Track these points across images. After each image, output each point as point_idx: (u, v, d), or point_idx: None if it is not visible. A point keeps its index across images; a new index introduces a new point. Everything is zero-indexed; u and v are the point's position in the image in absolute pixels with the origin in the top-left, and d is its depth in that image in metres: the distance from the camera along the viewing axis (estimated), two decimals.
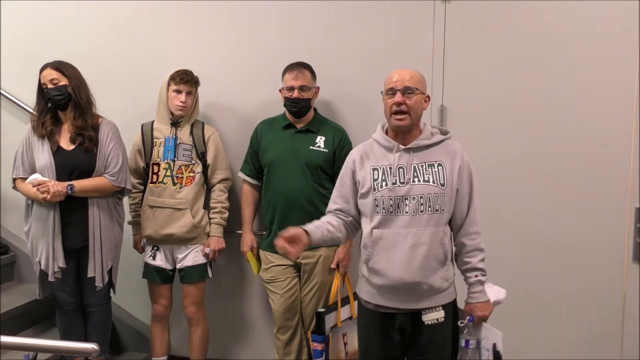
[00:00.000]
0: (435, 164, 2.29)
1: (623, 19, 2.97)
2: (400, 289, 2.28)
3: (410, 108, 2.26)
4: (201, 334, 3.30)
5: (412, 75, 2.30)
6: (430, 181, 2.27)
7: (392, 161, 2.30)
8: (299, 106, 3.07)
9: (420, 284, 2.26)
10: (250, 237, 3.26)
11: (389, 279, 2.27)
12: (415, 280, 2.25)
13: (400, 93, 2.26)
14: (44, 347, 2.14)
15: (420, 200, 2.25)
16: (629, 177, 3.03)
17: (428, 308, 2.30)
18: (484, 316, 2.34)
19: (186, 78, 3.13)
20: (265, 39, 3.40)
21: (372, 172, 2.32)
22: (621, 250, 3.06)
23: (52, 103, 2.94)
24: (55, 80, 2.93)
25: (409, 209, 2.25)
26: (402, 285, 2.26)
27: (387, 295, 2.31)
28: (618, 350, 3.09)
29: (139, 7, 3.55)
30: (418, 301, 2.30)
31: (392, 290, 2.29)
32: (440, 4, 3.17)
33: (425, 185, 2.26)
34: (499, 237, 3.13)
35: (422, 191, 2.26)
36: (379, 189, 2.28)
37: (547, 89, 3.09)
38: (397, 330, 2.34)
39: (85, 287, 3.05)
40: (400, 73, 2.31)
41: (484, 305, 2.34)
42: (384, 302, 2.33)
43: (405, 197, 2.25)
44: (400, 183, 2.27)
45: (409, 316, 2.32)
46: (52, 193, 2.80)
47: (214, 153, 3.23)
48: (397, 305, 2.31)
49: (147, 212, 3.19)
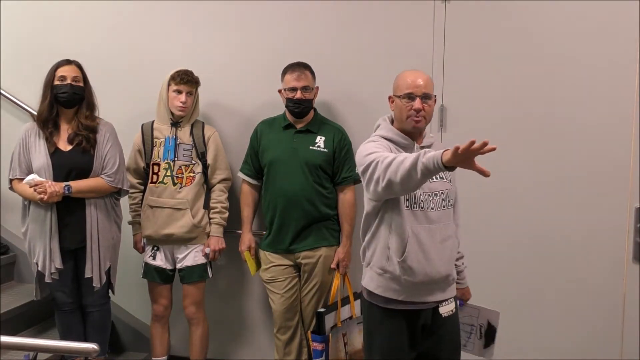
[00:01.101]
0: None
1: (623, 19, 2.97)
2: (433, 283, 2.33)
3: (427, 113, 2.34)
4: (201, 334, 3.30)
5: (428, 80, 2.35)
6: (445, 178, 2.37)
7: None
8: (301, 107, 3.07)
9: (449, 276, 2.38)
10: (249, 236, 3.26)
11: (425, 274, 2.29)
12: (448, 272, 2.36)
13: (419, 99, 2.31)
14: (44, 347, 2.15)
15: (442, 196, 2.35)
16: (629, 177, 3.03)
17: (444, 300, 2.38)
18: (469, 298, 2.66)
19: (186, 78, 3.13)
20: (265, 39, 3.40)
21: None
22: (621, 250, 3.05)
23: (65, 99, 2.92)
24: (77, 79, 2.95)
25: (434, 205, 2.32)
26: (437, 280, 2.33)
27: (417, 291, 2.32)
28: (618, 350, 3.09)
29: (139, 7, 3.55)
30: (443, 291, 2.38)
31: (425, 285, 2.32)
32: (440, 4, 3.17)
33: (442, 182, 2.37)
34: (498, 237, 3.13)
35: (441, 187, 2.35)
36: None
37: (547, 88, 3.09)
38: (420, 328, 2.36)
39: (83, 287, 3.05)
40: (417, 76, 2.34)
41: (468, 288, 2.65)
42: (410, 298, 2.32)
43: (429, 194, 2.32)
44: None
45: (429, 311, 2.37)
46: (49, 194, 2.80)
47: (214, 153, 3.23)
48: (424, 300, 2.34)
49: (147, 212, 3.19)
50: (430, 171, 1.99)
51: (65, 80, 2.92)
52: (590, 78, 3.03)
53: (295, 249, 3.13)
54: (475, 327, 2.62)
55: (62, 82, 2.92)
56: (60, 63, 2.96)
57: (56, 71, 2.94)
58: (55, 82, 2.93)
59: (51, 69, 2.95)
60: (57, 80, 2.93)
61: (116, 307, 3.49)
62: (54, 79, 2.93)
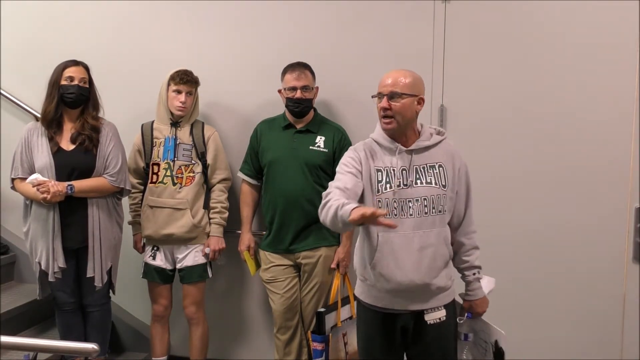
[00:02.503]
0: (436, 165, 2.29)
1: (623, 19, 2.97)
2: (408, 292, 2.28)
3: (396, 113, 2.24)
4: (201, 334, 3.30)
5: (401, 79, 2.25)
6: (433, 183, 2.27)
7: (394, 163, 2.28)
8: (301, 106, 3.07)
9: (429, 285, 2.27)
10: (249, 236, 3.26)
11: (397, 282, 2.25)
12: (424, 282, 2.26)
13: (386, 98, 2.24)
14: (44, 347, 2.15)
15: (424, 202, 2.25)
16: (629, 177, 3.03)
17: (431, 308, 2.31)
18: (482, 312, 2.43)
19: (186, 78, 3.13)
20: (265, 39, 3.40)
21: (376, 174, 2.29)
22: (621, 250, 3.05)
23: (72, 99, 2.93)
24: (84, 80, 2.96)
25: (414, 211, 2.24)
26: (412, 288, 2.26)
27: (394, 298, 2.30)
28: (618, 350, 3.09)
29: (139, 7, 3.55)
30: (426, 301, 2.30)
31: (400, 293, 2.28)
32: (440, 4, 3.17)
33: (428, 187, 2.26)
34: (498, 237, 3.13)
35: (425, 193, 2.26)
36: (383, 191, 2.27)
37: (547, 88, 3.09)
38: (399, 330, 2.34)
39: (84, 287, 3.05)
40: (390, 76, 2.28)
41: (481, 301, 2.42)
42: (390, 305, 2.32)
43: (409, 200, 2.25)
44: (403, 185, 2.26)
45: (411, 316, 2.32)
46: (52, 193, 2.80)
47: (213, 153, 3.23)
48: (404, 308, 2.31)
49: (147, 212, 3.19)
50: (346, 224, 2.03)
51: (73, 81, 2.93)
52: (590, 78, 3.03)
53: (295, 249, 3.13)
54: (489, 344, 2.43)
55: (70, 83, 2.92)
56: (67, 63, 2.96)
57: (64, 71, 2.94)
58: (63, 82, 2.93)
59: (58, 69, 2.95)
60: (64, 81, 2.93)
61: (116, 307, 3.49)
62: (61, 79, 2.93)
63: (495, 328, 2.41)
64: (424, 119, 2.42)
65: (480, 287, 2.41)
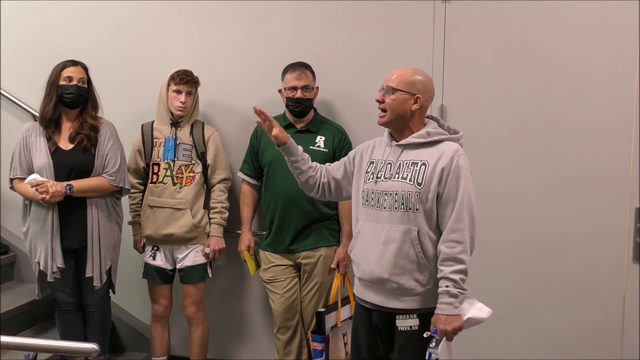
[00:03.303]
0: (419, 162, 2.26)
1: (623, 19, 2.96)
2: (372, 284, 2.31)
3: (388, 107, 2.28)
4: (201, 334, 3.30)
5: (402, 75, 2.29)
6: (408, 179, 2.23)
7: (384, 156, 2.34)
8: (302, 106, 3.07)
9: (388, 280, 2.24)
10: (248, 236, 3.26)
11: (362, 271, 2.34)
12: (382, 276, 2.25)
13: (381, 92, 2.31)
14: (44, 347, 2.15)
15: (395, 197, 2.24)
16: (629, 177, 3.02)
17: (403, 314, 2.25)
18: (444, 330, 2.16)
19: (186, 78, 3.13)
20: (266, 39, 3.40)
21: (368, 165, 2.37)
22: (621, 250, 3.05)
23: (71, 99, 2.92)
24: (83, 80, 2.96)
25: (387, 205, 2.26)
26: (373, 280, 2.29)
27: (363, 288, 2.37)
28: (618, 350, 3.09)
29: (139, 8, 3.55)
30: (388, 299, 2.28)
31: (367, 284, 2.34)
32: (440, 4, 3.17)
33: (402, 182, 2.24)
34: (498, 237, 3.13)
35: (397, 188, 2.24)
36: (367, 181, 2.34)
37: (547, 88, 3.08)
38: (374, 327, 2.36)
39: (84, 287, 3.05)
40: (395, 72, 2.32)
41: (448, 318, 2.16)
42: (361, 295, 2.39)
43: (385, 193, 2.27)
44: (384, 178, 2.29)
45: (384, 316, 2.31)
46: (51, 193, 2.80)
47: (214, 153, 3.23)
48: (372, 300, 2.34)
49: (147, 212, 3.19)
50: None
51: (72, 81, 2.92)
52: (590, 78, 3.03)
53: (295, 249, 3.13)
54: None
55: (69, 83, 2.92)
56: (66, 63, 2.96)
57: (62, 71, 2.93)
58: (61, 82, 2.93)
59: (56, 69, 2.95)
60: (62, 81, 2.92)
61: (116, 307, 3.49)
62: (60, 79, 2.93)
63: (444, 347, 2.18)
64: None
65: (450, 303, 2.16)
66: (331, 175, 2.50)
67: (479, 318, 2.23)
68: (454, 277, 2.17)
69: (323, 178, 2.49)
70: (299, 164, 2.44)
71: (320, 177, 2.49)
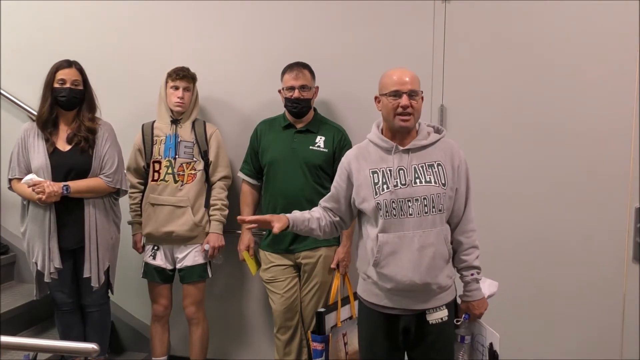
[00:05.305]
0: (434, 164, 2.29)
1: (623, 19, 2.97)
2: (409, 291, 2.28)
3: (415, 110, 2.28)
4: (201, 334, 3.30)
5: (413, 77, 2.29)
6: (432, 182, 2.26)
7: (391, 163, 2.29)
8: (299, 106, 3.07)
9: (430, 285, 2.26)
10: (248, 236, 3.26)
11: (398, 282, 2.26)
12: (425, 281, 2.25)
13: (406, 96, 2.25)
14: (44, 347, 2.15)
15: (424, 202, 2.25)
16: (629, 177, 3.03)
17: (432, 308, 2.30)
18: (480, 314, 2.39)
19: (182, 74, 3.14)
20: (266, 38, 3.40)
21: (371, 176, 2.30)
22: (621, 250, 3.05)
23: (64, 102, 2.92)
24: (77, 82, 2.94)
25: (414, 211, 2.24)
26: (413, 288, 2.26)
27: (395, 298, 2.31)
28: (618, 350, 3.09)
29: (139, 7, 3.55)
30: (427, 301, 2.30)
31: (401, 292, 2.29)
32: (440, 4, 3.17)
33: (428, 186, 2.26)
34: (498, 237, 3.13)
35: (425, 192, 2.25)
36: (381, 192, 2.27)
37: (547, 88, 3.09)
38: (401, 331, 2.34)
39: (82, 287, 3.05)
40: (403, 73, 2.29)
41: (479, 302, 2.38)
42: (391, 304, 2.32)
43: (408, 199, 2.24)
44: (401, 185, 2.26)
45: (413, 317, 2.32)
46: (47, 193, 2.80)
47: (215, 151, 3.23)
48: (405, 307, 2.31)
49: (148, 209, 3.19)
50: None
51: (65, 84, 2.92)
52: (590, 78, 3.04)
53: (295, 249, 3.13)
54: (485, 348, 2.39)
55: (62, 86, 2.91)
56: (60, 65, 2.95)
57: (56, 73, 2.93)
58: (55, 84, 2.92)
59: (51, 70, 2.94)
60: (56, 83, 2.92)
61: (116, 307, 3.49)
62: (54, 81, 2.92)
63: (490, 330, 2.38)
64: (424, 118, 2.42)
65: (478, 289, 2.37)
66: (335, 211, 2.44)
67: (493, 292, 2.46)
68: (477, 263, 2.36)
69: (333, 218, 2.44)
70: (308, 228, 2.41)
71: (330, 220, 2.44)
